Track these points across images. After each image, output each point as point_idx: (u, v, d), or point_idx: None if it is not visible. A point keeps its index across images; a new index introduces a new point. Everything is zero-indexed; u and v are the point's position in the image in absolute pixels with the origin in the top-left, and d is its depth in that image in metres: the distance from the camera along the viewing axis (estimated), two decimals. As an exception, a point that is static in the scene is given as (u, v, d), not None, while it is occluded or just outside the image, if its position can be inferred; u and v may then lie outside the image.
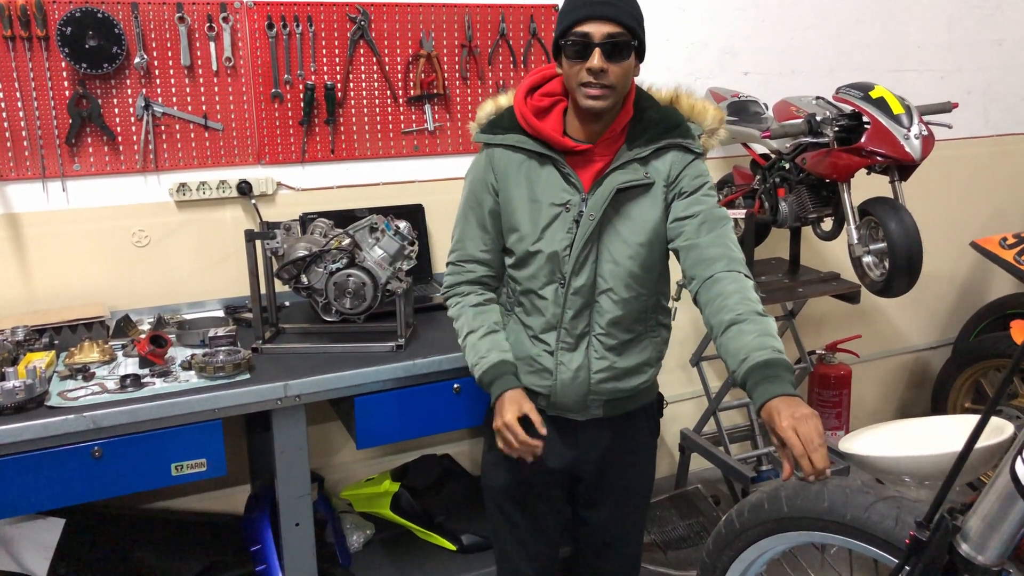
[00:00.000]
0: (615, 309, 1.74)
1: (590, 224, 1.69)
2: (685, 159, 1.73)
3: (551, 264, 1.73)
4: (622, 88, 1.66)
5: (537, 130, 1.72)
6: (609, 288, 1.73)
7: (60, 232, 2.35)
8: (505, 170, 1.76)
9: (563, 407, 1.82)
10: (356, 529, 2.58)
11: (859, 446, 2.10)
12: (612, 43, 1.60)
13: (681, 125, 1.74)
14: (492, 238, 1.82)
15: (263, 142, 2.51)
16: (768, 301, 2.71)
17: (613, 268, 1.72)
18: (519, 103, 1.75)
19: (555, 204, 1.72)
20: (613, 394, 1.80)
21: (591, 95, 1.63)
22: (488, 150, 1.80)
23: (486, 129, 1.80)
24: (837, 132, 2.40)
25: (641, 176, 1.70)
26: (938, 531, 1.23)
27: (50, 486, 1.79)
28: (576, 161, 1.73)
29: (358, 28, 2.54)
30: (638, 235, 1.71)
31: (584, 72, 1.62)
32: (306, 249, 2.12)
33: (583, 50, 1.62)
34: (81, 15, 2.21)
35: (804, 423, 1.40)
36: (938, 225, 3.48)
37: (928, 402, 3.53)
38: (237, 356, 1.99)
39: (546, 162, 1.73)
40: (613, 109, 1.69)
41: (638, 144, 1.71)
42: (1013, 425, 1.93)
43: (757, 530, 1.60)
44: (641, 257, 1.72)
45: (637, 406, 1.88)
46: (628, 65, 1.64)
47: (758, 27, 3.13)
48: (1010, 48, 3.69)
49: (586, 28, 1.61)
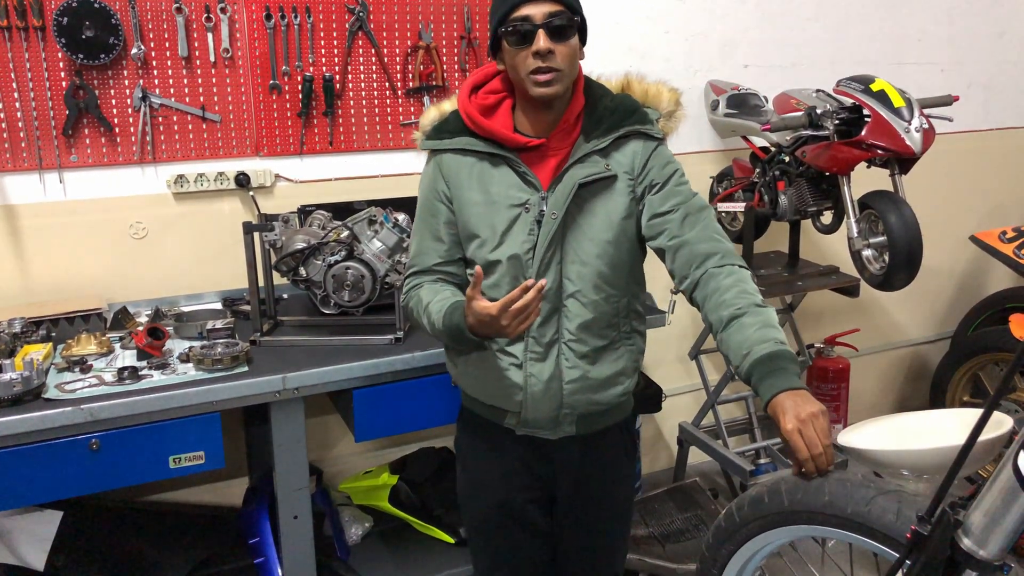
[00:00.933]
0: (585, 312, 1.63)
1: (553, 224, 1.59)
2: (648, 147, 1.64)
3: (514, 270, 1.62)
4: (570, 71, 1.57)
5: (486, 129, 1.62)
6: (577, 290, 1.63)
7: (57, 224, 2.34)
8: (456, 176, 1.66)
9: (534, 424, 1.70)
10: (354, 522, 2.58)
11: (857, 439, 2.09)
12: (554, 22, 1.52)
13: (638, 111, 1.65)
14: (448, 248, 1.70)
15: (261, 134, 2.50)
16: (767, 294, 2.71)
17: (580, 269, 1.62)
18: (463, 103, 1.65)
19: (513, 205, 1.62)
20: (587, 407, 1.69)
21: (541, 81, 1.54)
22: (436, 157, 1.70)
23: (431, 136, 1.70)
24: (837, 125, 2.39)
25: (602, 168, 1.61)
26: (939, 525, 1.23)
27: (47, 478, 1.79)
28: (531, 158, 1.63)
29: (357, 19, 2.52)
30: (604, 232, 1.62)
31: (530, 58, 1.53)
32: (304, 241, 2.12)
33: (526, 34, 1.53)
34: (78, 5, 2.19)
35: (809, 425, 1.37)
36: (938, 219, 3.48)
37: (927, 395, 3.53)
38: (235, 349, 1.99)
39: (499, 162, 1.63)
40: (564, 97, 1.60)
41: (595, 135, 1.62)
42: (1012, 419, 1.93)
43: (757, 523, 1.59)
44: (609, 255, 1.63)
45: (611, 423, 1.76)
46: (574, 45, 1.57)
47: (758, 19, 3.12)
48: (1011, 41, 3.68)
49: (525, 11, 1.52)
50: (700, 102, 3.05)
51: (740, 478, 2.78)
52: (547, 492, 1.79)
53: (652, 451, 3.35)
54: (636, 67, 2.88)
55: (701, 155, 3.14)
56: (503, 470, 1.76)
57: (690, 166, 3.07)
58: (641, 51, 2.94)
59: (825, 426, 1.39)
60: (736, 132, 2.85)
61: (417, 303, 1.68)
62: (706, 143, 3.13)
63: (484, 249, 1.64)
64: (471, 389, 1.76)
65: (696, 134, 3.10)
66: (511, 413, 1.70)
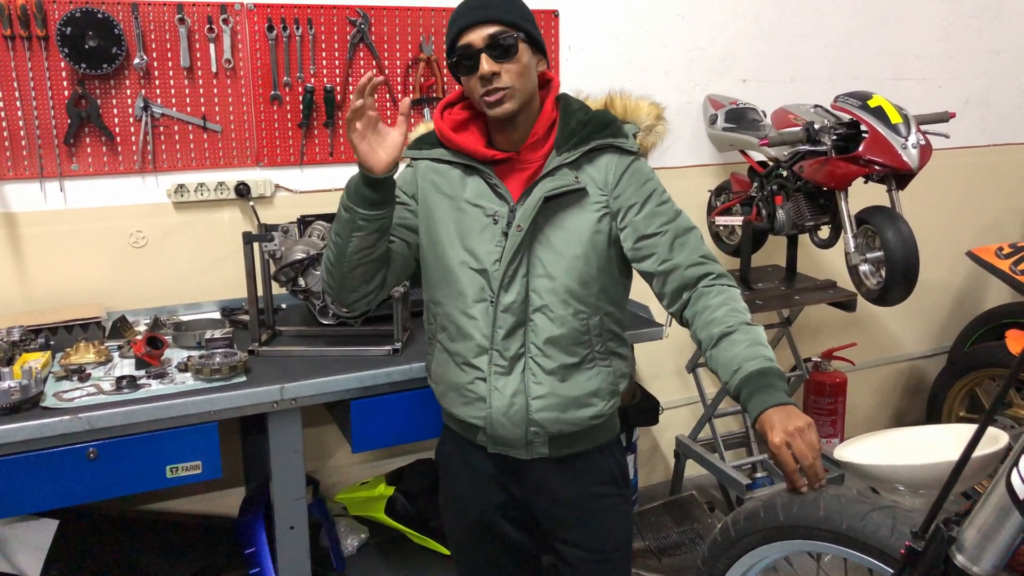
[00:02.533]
0: (552, 327, 1.61)
1: (518, 235, 1.58)
2: (623, 162, 1.63)
3: (480, 279, 1.61)
4: (523, 86, 1.58)
5: (455, 143, 1.64)
6: (544, 304, 1.60)
7: (57, 232, 2.34)
8: (430, 181, 1.69)
9: (504, 442, 1.66)
10: (350, 533, 2.58)
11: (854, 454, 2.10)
12: (496, 44, 1.54)
13: (611, 124, 1.64)
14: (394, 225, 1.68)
15: (262, 144, 2.51)
16: (764, 308, 2.72)
17: (547, 283, 1.60)
18: (436, 120, 1.68)
19: (483, 216, 1.62)
20: (557, 427, 1.64)
21: (491, 102, 1.56)
22: (415, 163, 1.73)
23: (412, 146, 1.73)
24: (835, 140, 2.41)
25: (571, 181, 1.59)
26: (934, 542, 1.23)
27: (44, 487, 1.78)
28: (503, 171, 1.65)
29: (358, 31, 2.54)
30: (573, 246, 1.60)
31: (478, 82, 1.56)
32: (304, 252, 2.13)
33: (471, 61, 1.56)
34: (81, 15, 2.21)
35: (797, 438, 1.37)
36: (935, 234, 3.49)
37: (923, 410, 3.54)
38: (233, 358, 1.99)
39: (472, 173, 1.65)
40: (527, 111, 1.61)
41: (566, 148, 1.61)
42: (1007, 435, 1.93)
43: (753, 538, 1.60)
44: (577, 270, 1.60)
45: (591, 446, 1.71)
46: (523, 61, 1.57)
47: (757, 34, 3.14)
48: (1007, 58, 3.70)
49: (466, 39, 1.55)
50: (699, 116, 3.07)
51: (736, 492, 2.78)
52: (526, 512, 1.77)
53: (649, 464, 3.35)
54: (635, 80, 2.94)
55: (699, 168, 3.15)
56: (478, 487, 1.75)
57: (688, 179, 3.12)
58: (640, 65, 2.96)
59: (813, 439, 1.39)
60: (734, 146, 2.87)
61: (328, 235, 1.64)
62: (704, 157, 3.15)
63: (448, 254, 1.64)
64: (445, 403, 1.74)
65: (694, 148, 3.12)
66: (480, 430, 1.68)
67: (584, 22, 2.85)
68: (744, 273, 2.79)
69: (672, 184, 3.12)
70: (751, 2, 3.10)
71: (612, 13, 2.90)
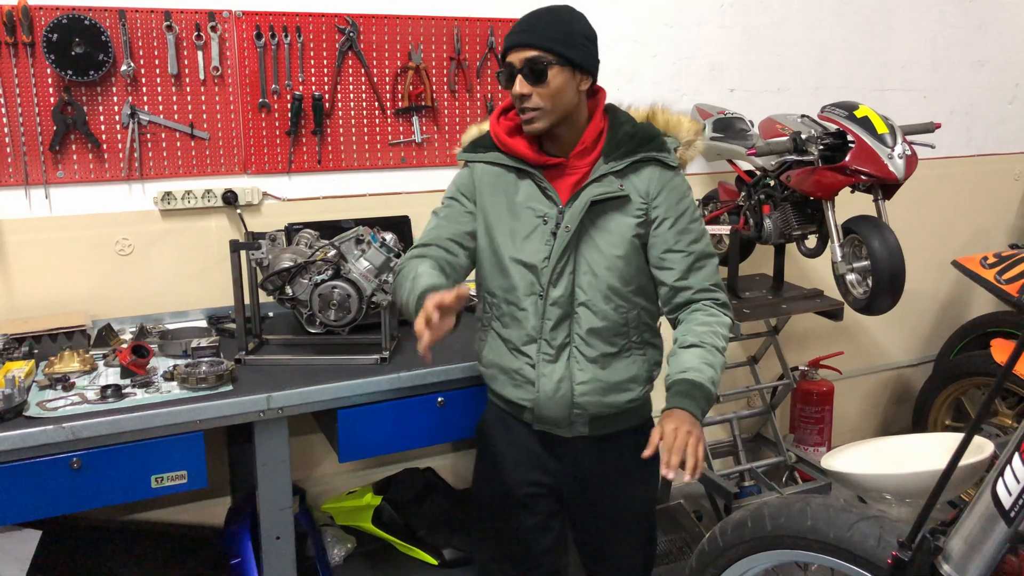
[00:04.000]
0: (594, 320, 1.76)
1: (567, 235, 1.73)
2: (664, 176, 1.77)
3: (531, 275, 1.77)
4: (554, 107, 1.71)
5: (509, 147, 1.79)
6: (588, 299, 1.76)
7: (42, 240, 2.33)
8: (486, 182, 1.83)
9: (548, 421, 1.83)
10: (337, 542, 2.56)
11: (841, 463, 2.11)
12: (530, 68, 1.68)
13: (656, 138, 1.78)
14: (455, 233, 1.82)
15: (249, 152, 2.50)
16: (752, 317, 2.72)
17: (591, 279, 1.75)
18: (493, 124, 1.83)
19: (534, 216, 1.77)
20: (598, 409, 1.81)
21: (524, 119, 1.73)
22: (471, 166, 1.87)
23: (468, 149, 1.88)
24: (822, 150, 2.42)
25: (616, 189, 1.74)
26: (920, 551, 1.23)
27: (27, 497, 1.76)
28: (552, 175, 1.79)
29: (347, 39, 2.54)
30: (615, 247, 1.75)
31: (514, 98, 1.73)
32: (291, 260, 2.12)
33: (510, 78, 1.71)
34: (68, 22, 2.20)
35: (683, 434, 1.54)
36: (921, 243, 3.51)
37: (910, 418, 3.56)
38: (220, 367, 1.98)
39: (524, 176, 1.80)
40: (570, 123, 1.75)
41: (613, 157, 1.75)
42: (993, 444, 1.94)
43: (740, 548, 1.60)
44: (618, 269, 1.75)
45: (626, 427, 1.88)
46: (555, 86, 1.69)
47: (744, 45, 3.16)
48: (992, 70, 3.74)
49: (510, 58, 1.71)
50: (687, 126, 3.08)
51: (724, 501, 2.79)
52: (556, 488, 1.91)
53: (637, 472, 3.35)
54: (624, 90, 2.95)
55: (687, 177, 3.15)
56: (517, 460, 1.90)
57: (676, 189, 3.12)
58: (629, 74, 2.97)
59: (694, 443, 1.55)
60: (722, 156, 2.88)
61: (409, 266, 1.75)
62: (692, 165, 3.10)
63: (502, 251, 1.79)
64: (495, 385, 1.89)
65: (683, 157, 3.12)
66: (528, 409, 1.83)
67: (573, 31, 2.86)
68: (732, 282, 2.80)
69: (660, 193, 3.13)
70: (739, 13, 3.12)
71: (600, 23, 2.87)
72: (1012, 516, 1.16)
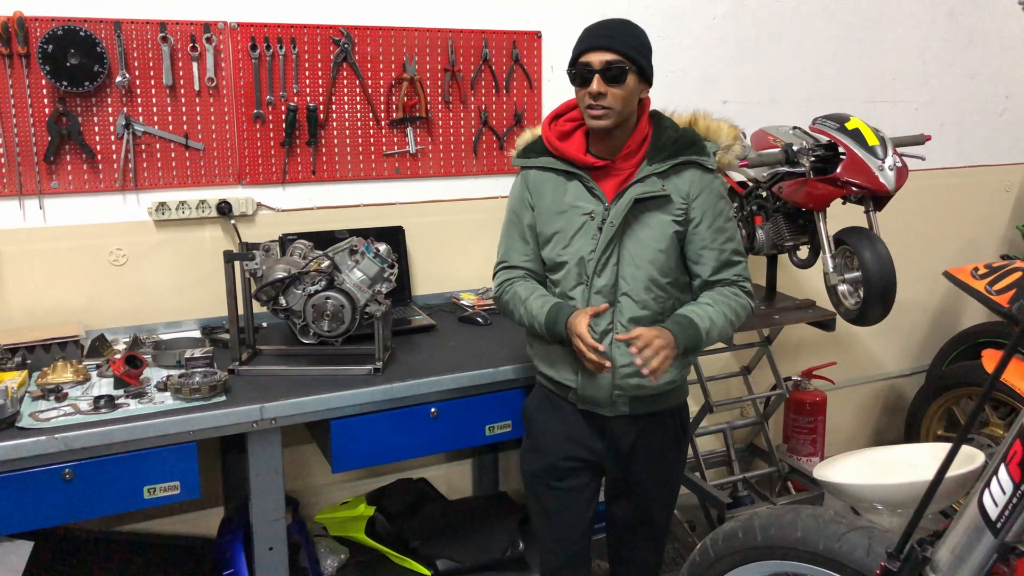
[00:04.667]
0: (635, 309, 1.89)
1: (611, 230, 1.87)
2: (704, 179, 1.91)
3: (579, 267, 1.91)
4: (623, 108, 1.84)
5: (560, 151, 1.93)
6: (630, 289, 1.89)
7: (36, 250, 2.33)
8: (539, 187, 1.97)
9: (591, 401, 1.96)
10: (330, 553, 2.56)
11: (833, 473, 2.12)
12: (609, 69, 1.81)
13: (697, 143, 1.92)
14: (532, 248, 2.01)
15: (244, 162, 2.51)
16: (745, 327, 2.73)
17: (634, 271, 1.88)
18: (544, 129, 1.98)
19: (582, 214, 1.91)
20: (636, 390, 1.92)
21: (593, 115, 1.85)
22: (524, 172, 2.02)
23: (521, 154, 2.03)
24: (813, 162, 2.44)
25: (658, 188, 1.87)
26: (908, 562, 1.24)
27: (19, 508, 1.76)
28: (599, 176, 1.93)
29: (341, 51, 2.55)
30: (657, 241, 1.88)
31: (588, 97, 1.84)
32: (285, 271, 2.12)
33: (586, 77, 1.83)
34: (63, 33, 2.21)
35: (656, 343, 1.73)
36: (912, 254, 3.53)
37: (902, 428, 3.57)
38: (213, 378, 1.98)
39: (572, 178, 1.94)
40: (623, 126, 1.89)
41: (657, 160, 1.88)
42: (983, 454, 1.95)
43: (731, 559, 1.61)
44: (659, 262, 1.89)
45: (663, 407, 2.00)
46: (627, 88, 1.83)
47: (737, 57, 3.18)
48: (982, 82, 3.77)
49: (587, 58, 1.84)
50: (679, 137, 3.09)
51: (717, 511, 2.79)
52: (598, 464, 2.04)
53: (630, 482, 3.35)
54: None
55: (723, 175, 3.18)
56: (561, 436, 2.01)
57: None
58: (622, 86, 2.98)
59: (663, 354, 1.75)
60: (715, 167, 2.89)
61: (513, 296, 1.99)
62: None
63: (556, 249, 1.94)
64: (543, 366, 2.03)
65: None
66: (573, 389, 1.96)
67: (567, 44, 2.83)
68: (724, 293, 2.81)
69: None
70: (732, 25, 3.15)
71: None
72: (999, 527, 1.17)
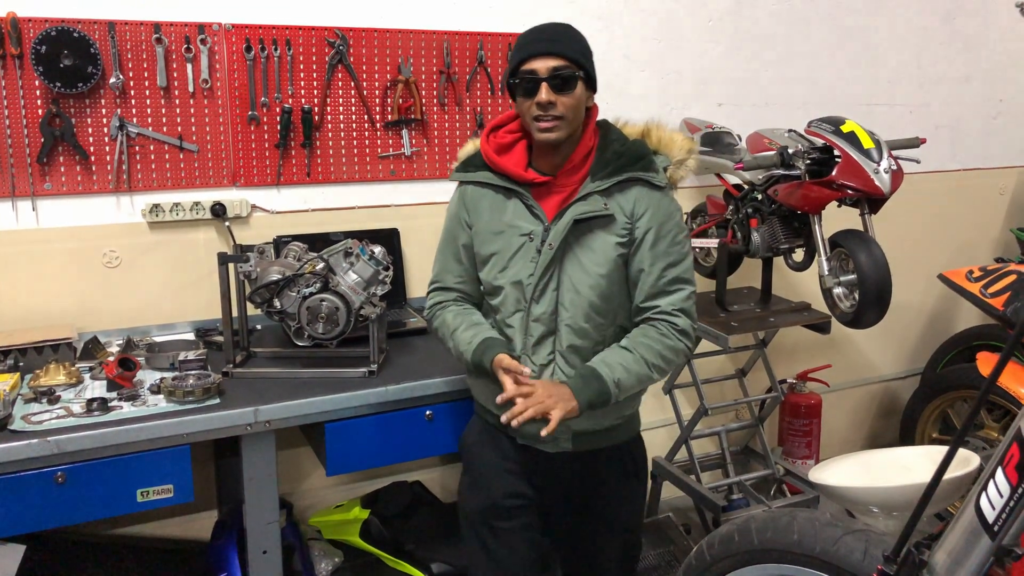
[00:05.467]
0: (574, 337, 1.78)
1: (550, 252, 1.75)
2: (651, 197, 1.78)
3: (517, 292, 1.80)
4: (573, 118, 1.74)
5: (499, 165, 1.81)
6: (570, 316, 1.77)
7: (29, 252, 2.32)
8: (476, 205, 1.86)
9: (531, 437, 1.81)
10: (324, 557, 2.55)
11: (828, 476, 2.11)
12: (557, 76, 1.70)
13: (644, 158, 1.78)
14: (467, 269, 1.90)
15: (238, 164, 2.50)
16: (740, 330, 2.73)
17: (573, 297, 1.76)
18: (483, 142, 1.85)
19: (520, 235, 1.79)
20: (580, 425, 1.79)
21: (542, 128, 1.72)
22: (461, 187, 1.90)
23: (460, 168, 1.90)
24: (809, 165, 2.44)
25: (600, 208, 1.74)
26: (905, 565, 1.24)
27: (11, 512, 1.75)
28: (540, 193, 1.81)
29: (336, 53, 2.55)
30: (599, 265, 1.76)
31: (534, 106, 1.71)
32: (279, 273, 2.11)
33: (532, 86, 1.71)
34: (57, 34, 2.19)
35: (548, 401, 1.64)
36: (907, 257, 3.54)
37: (897, 431, 3.57)
38: (207, 380, 1.97)
39: (512, 195, 1.82)
40: (570, 139, 1.77)
41: (600, 176, 1.76)
42: (979, 456, 1.95)
43: (727, 562, 1.60)
44: (601, 288, 1.76)
45: (610, 443, 1.88)
46: (577, 96, 1.72)
47: (732, 59, 3.18)
48: (976, 86, 3.78)
49: (532, 65, 1.71)
50: (675, 139, 3.09)
51: (713, 514, 2.79)
52: (541, 502, 1.91)
53: (626, 485, 3.35)
54: (612, 104, 2.97)
55: (675, 191, 3.17)
56: (501, 473, 1.90)
57: (665, 202, 3.13)
58: (617, 88, 2.99)
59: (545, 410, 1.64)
60: (710, 169, 2.89)
61: (442, 324, 1.91)
62: (681, 179, 3.17)
63: (493, 272, 1.83)
64: (480, 397, 1.93)
65: (671, 171, 3.14)
66: None
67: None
68: (720, 295, 2.81)
69: (649, 206, 3.13)
70: (727, 28, 3.15)
71: (589, 37, 2.91)
72: (996, 530, 1.16)
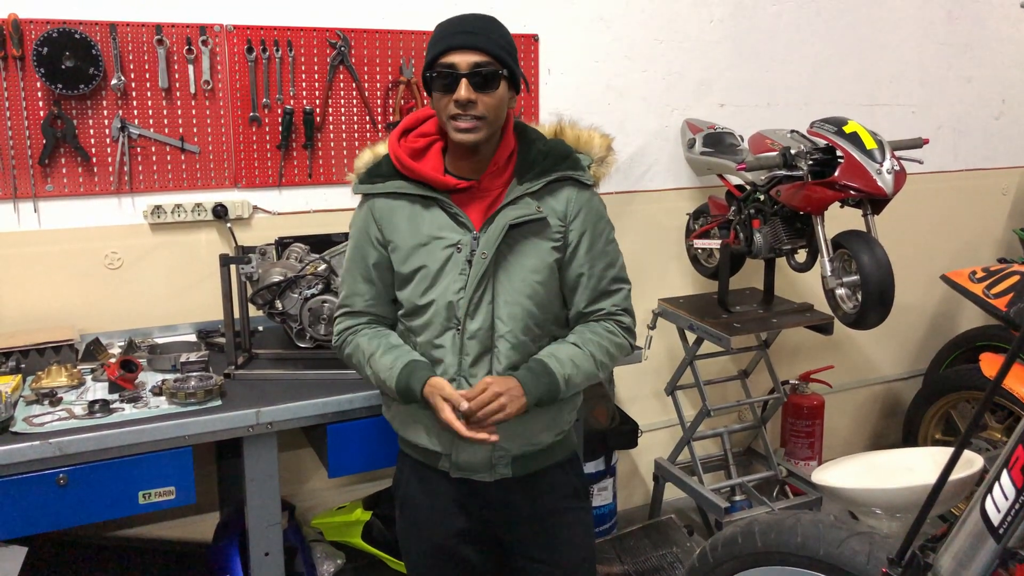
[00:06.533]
0: (514, 354, 1.65)
1: (483, 262, 1.61)
2: (582, 196, 1.68)
3: (447, 310, 1.63)
4: (494, 119, 1.59)
5: (414, 171, 1.64)
6: (508, 330, 1.64)
7: (31, 253, 2.31)
8: (389, 219, 1.68)
9: (468, 467, 1.69)
10: (326, 558, 2.54)
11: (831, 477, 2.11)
12: (479, 73, 1.55)
13: (570, 156, 1.68)
14: (378, 290, 1.73)
15: (240, 165, 2.50)
16: (742, 331, 2.73)
17: (511, 309, 1.64)
18: (393, 146, 1.67)
19: (446, 246, 1.64)
20: (521, 448, 1.68)
21: (460, 128, 1.57)
22: (368, 201, 1.71)
23: (364, 179, 1.71)
24: (811, 165, 2.43)
25: (533, 210, 1.63)
26: (910, 568, 1.23)
27: (13, 514, 1.75)
28: (462, 199, 1.66)
29: (338, 54, 2.54)
30: (535, 272, 1.65)
31: (452, 104, 1.56)
32: (281, 274, 2.11)
33: (450, 82, 1.56)
34: (58, 36, 2.19)
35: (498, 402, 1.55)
36: (909, 258, 3.53)
37: (900, 432, 3.56)
38: (209, 382, 1.97)
39: (431, 204, 1.65)
40: (490, 141, 1.63)
41: (528, 178, 1.64)
42: (982, 458, 1.95)
43: (731, 564, 1.60)
44: (539, 296, 1.66)
45: (551, 463, 1.75)
46: (499, 95, 1.58)
47: (734, 60, 3.18)
48: (978, 86, 3.77)
49: (452, 59, 1.56)
50: (677, 140, 3.09)
51: (715, 515, 2.78)
52: (488, 534, 1.78)
53: (628, 487, 3.34)
54: (614, 104, 2.97)
55: (678, 192, 3.18)
56: (439, 512, 1.76)
57: (667, 202, 3.15)
58: (619, 89, 2.99)
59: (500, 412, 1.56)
60: (712, 170, 2.89)
61: (356, 349, 1.73)
62: (683, 180, 3.17)
63: (418, 290, 1.66)
64: (406, 432, 1.76)
65: (673, 171, 3.14)
66: (444, 456, 1.70)
67: (563, 47, 2.88)
68: (722, 296, 2.81)
69: (651, 207, 3.15)
70: (729, 28, 3.14)
71: (591, 38, 2.92)
72: (1001, 533, 1.16)
